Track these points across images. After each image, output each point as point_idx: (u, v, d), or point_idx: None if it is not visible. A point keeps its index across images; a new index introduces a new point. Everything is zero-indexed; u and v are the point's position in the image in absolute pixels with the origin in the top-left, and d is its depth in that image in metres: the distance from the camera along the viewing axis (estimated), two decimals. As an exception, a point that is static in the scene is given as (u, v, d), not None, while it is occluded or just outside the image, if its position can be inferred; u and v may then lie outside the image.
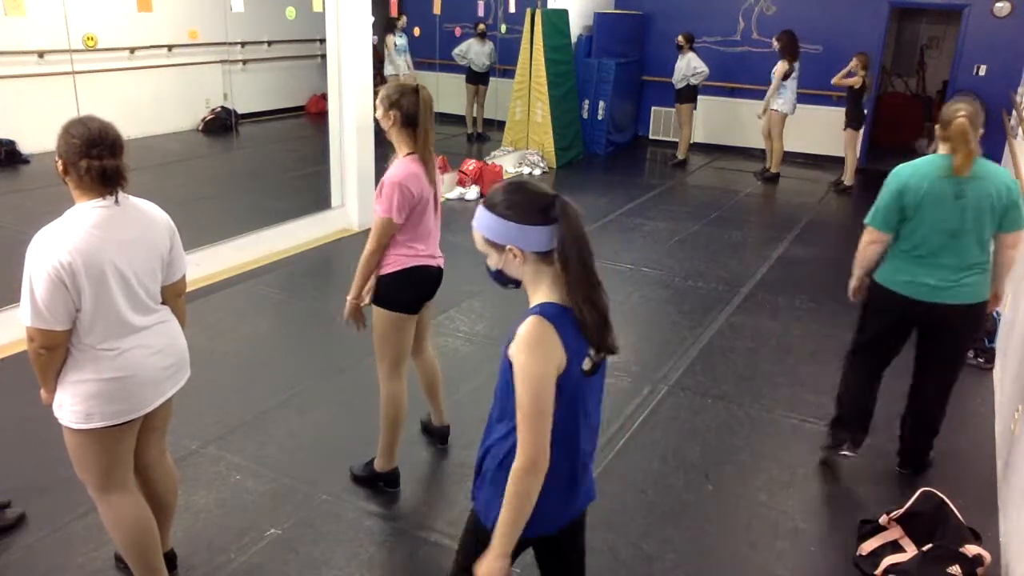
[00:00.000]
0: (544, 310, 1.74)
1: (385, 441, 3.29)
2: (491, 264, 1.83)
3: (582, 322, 1.74)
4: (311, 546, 2.99)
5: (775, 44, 8.97)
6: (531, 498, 1.73)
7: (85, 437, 2.33)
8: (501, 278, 1.84)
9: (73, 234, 2.18)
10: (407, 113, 2.98)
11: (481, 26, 10.33)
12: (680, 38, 9.51)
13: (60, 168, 2.25)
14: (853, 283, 3.51)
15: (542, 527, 1.87)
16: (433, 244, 3.20)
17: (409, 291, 3.12)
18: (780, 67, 8.80)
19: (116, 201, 2.27)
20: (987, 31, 9.23)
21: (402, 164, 3.02)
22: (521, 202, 1.75)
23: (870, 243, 3.34)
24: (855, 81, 8.49)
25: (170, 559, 2.76)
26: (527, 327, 1.72)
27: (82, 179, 2.20)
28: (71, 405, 2.29)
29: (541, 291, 1.79)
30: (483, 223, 1.79)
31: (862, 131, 9.10)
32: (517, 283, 1.83)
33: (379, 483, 3.34)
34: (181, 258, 2.52)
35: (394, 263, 3.06)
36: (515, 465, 1.72)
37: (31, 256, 2.18)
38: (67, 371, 2.29)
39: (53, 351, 2.23)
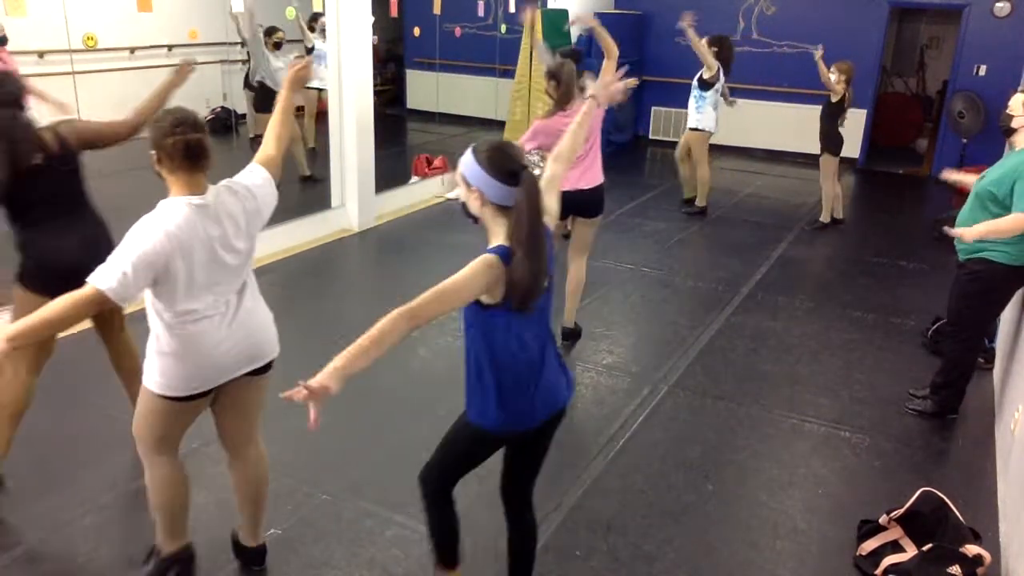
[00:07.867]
0: (497, 250, 2.02)
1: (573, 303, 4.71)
2: (461, 196, 2.15)
3: (511, 272, 1.99)
4: (311, 546, 2.99)
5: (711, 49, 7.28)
6: (385, 337, 1.88)
7: (148, 398, 2.49)
8: (465, 210, 2.15)
9: (166, 222, 2.28)
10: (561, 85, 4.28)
11: (280, 34, 7.85)
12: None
13: (155, 159, 2.35)
14: (974, 234, 3.62)
15: (511, 424, 2.21)
16: None
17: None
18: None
19: (206, 192, 2.38)
20: (987, 31, 9.23)
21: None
22: (496, 159, 2.05)
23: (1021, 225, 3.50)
24: (835, 90, 6.86)
25: (258, 553, 2.87)
26: (480, 258, 1.99)
27: (172, 159, 2.30)
28: (147, 366, 2.46)
29: (499, 235, 2.07)
30: (464, 161, 2.10)
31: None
32: (476, 219, 2.13)
33: None
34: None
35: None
36: (399, 309, 1.91)
37: (128, 236, 2.27)
38: (152, 337, 2.43)
39: (91, 306, 2.23)
